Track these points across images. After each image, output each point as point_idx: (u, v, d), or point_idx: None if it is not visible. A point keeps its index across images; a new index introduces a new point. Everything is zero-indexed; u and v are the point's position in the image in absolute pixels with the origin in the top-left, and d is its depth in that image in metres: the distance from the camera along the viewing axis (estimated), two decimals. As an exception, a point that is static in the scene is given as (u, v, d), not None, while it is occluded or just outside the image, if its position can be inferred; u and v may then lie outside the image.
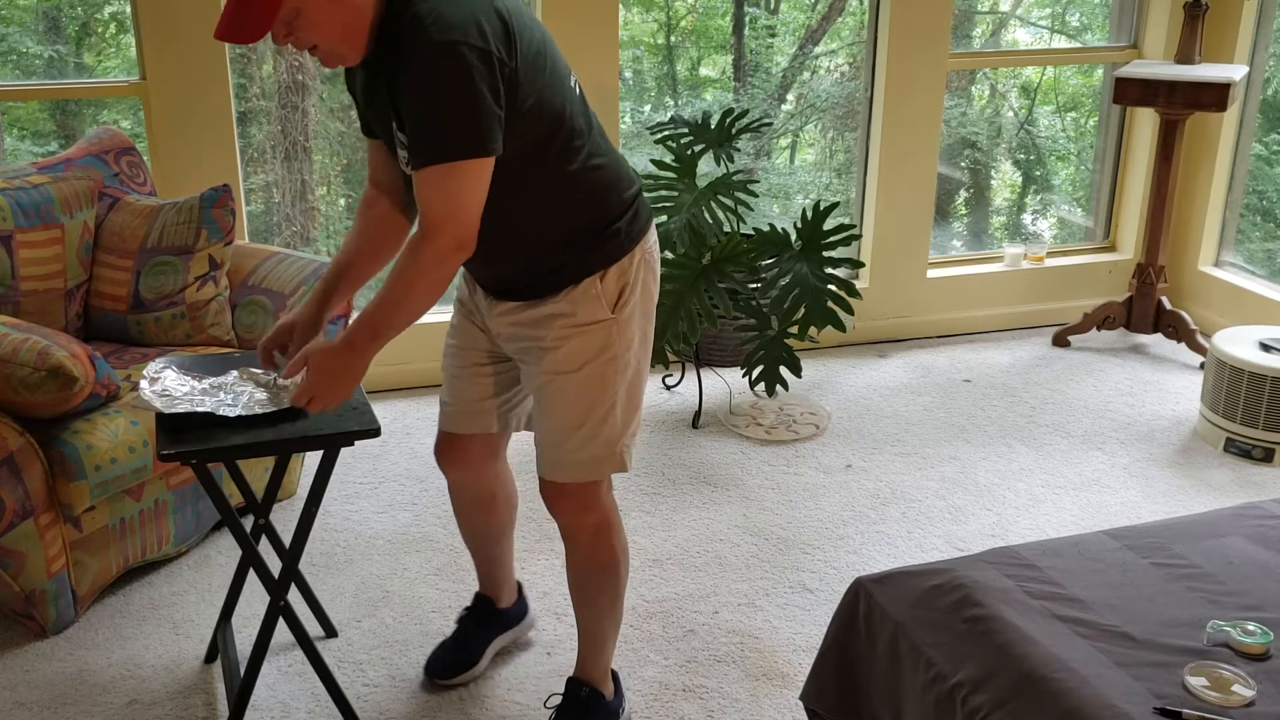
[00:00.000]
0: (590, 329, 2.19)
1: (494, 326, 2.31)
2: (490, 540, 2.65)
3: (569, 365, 2.21)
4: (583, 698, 2.46)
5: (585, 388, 2.22)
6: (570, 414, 2.24)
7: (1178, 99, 4.14)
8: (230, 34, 1.92)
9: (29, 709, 2.58)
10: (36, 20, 4.71)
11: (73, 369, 2.67)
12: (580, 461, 2.28)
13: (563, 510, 2.34)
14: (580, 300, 2.18)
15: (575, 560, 2.41)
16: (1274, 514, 2.30)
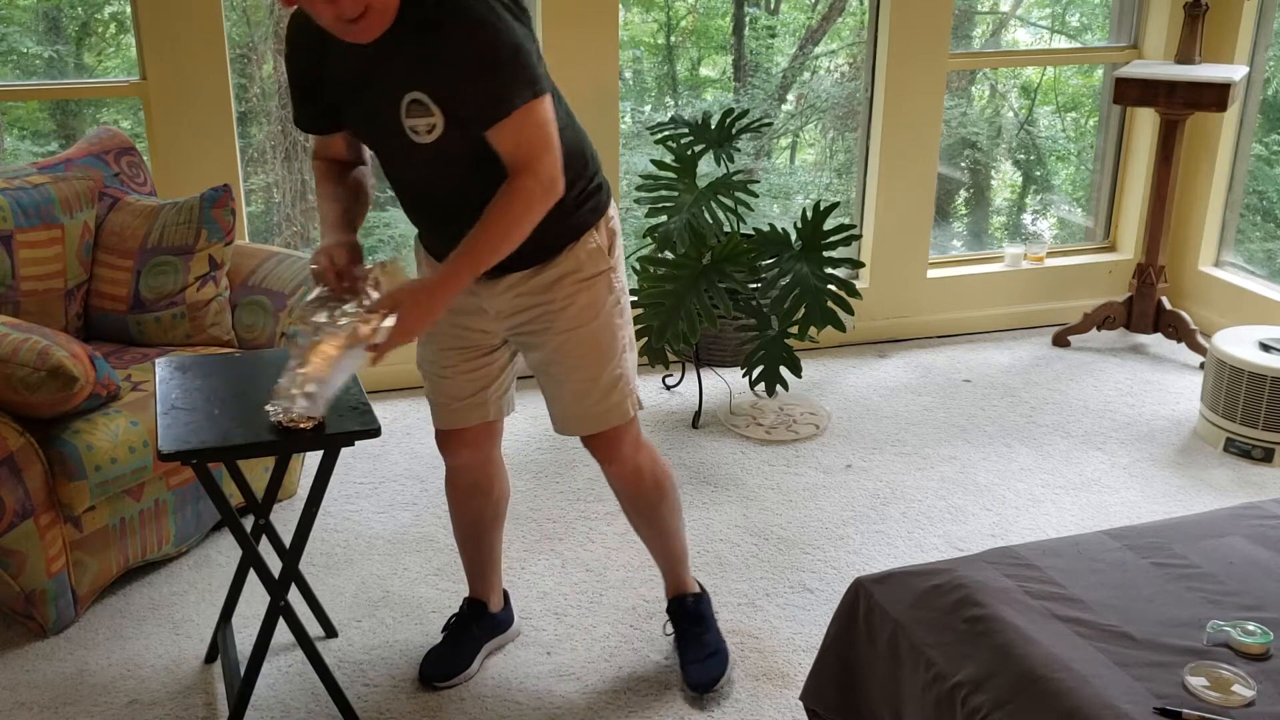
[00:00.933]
0: (596, 280, 2.35)
1: (495, 306, 2.36)
2: (484, 528, 2.69)
3: (585, 318, 2.35)
4: (690, 605, 2.70)
5: (602, 335, 2.38)
6: (595, 364, 2.39)
7: (1178, 99, 4.14)
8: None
9: (29, 709, 2.58)
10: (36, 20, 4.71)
11: (73, 369, 2.67)
12: (615, 404, 2.44)
13: (621, 457, 2.50)
14: (583, 255, 2.32)
15: (643, 496, 2.57)
16: (1274, 514, 2.30)
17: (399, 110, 2.12)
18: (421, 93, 2.09)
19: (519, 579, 3.08)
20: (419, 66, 2.08)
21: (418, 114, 2.11)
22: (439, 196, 2.28)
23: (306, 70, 2.23)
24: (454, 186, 2.23)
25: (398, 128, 2.14)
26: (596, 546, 3.23)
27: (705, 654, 2.65)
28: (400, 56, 2.08)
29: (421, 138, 2.13)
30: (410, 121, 2.12)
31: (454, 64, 2.05)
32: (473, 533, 2.69)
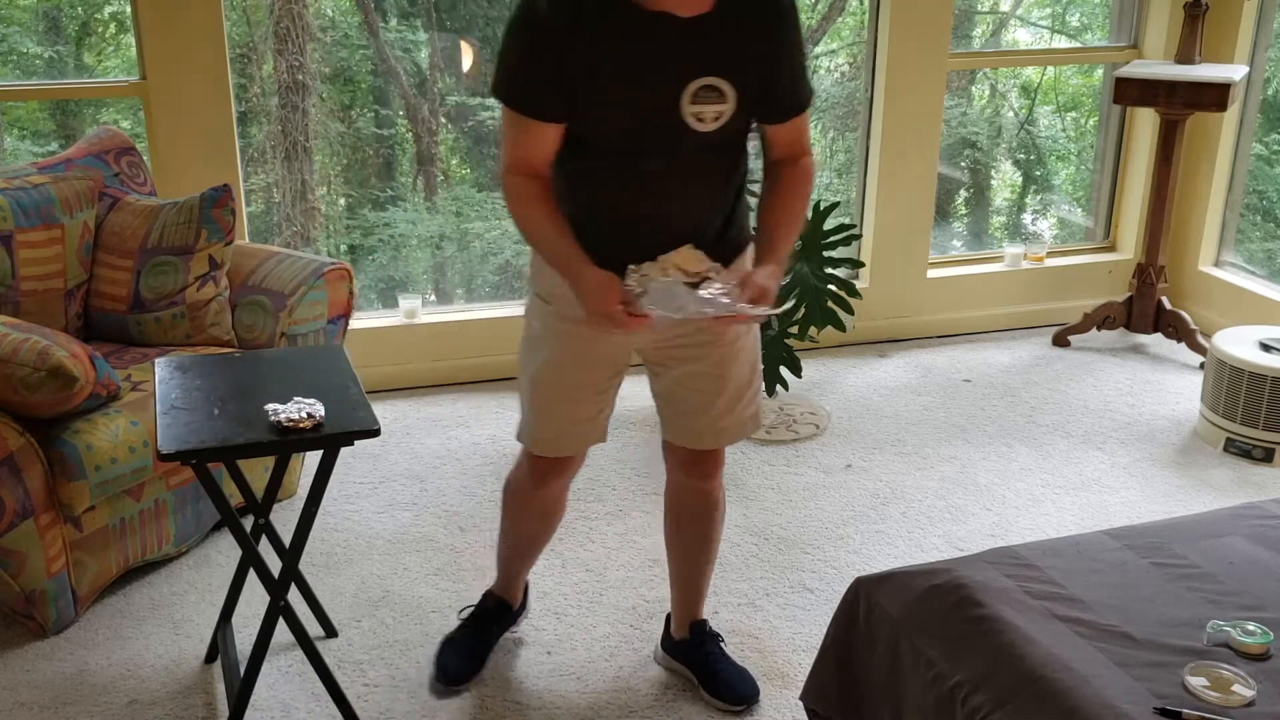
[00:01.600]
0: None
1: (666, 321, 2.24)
2: (542, 545, 2.70)
3: (745, 328, 2.34)
4: (709, 627, 2.69)
5: (754, 347, 2.41)
6: (745, 374, 2.39)
7: (1178, 99, 4.14)
8: None
9: (29, 709, 2.58)
10: (36, 20, 4.71)
11: (73, 369, 2.67)
12: (754, 414, 2.45)
13: (716, 474, 2.50)
14: (747, 260, 2.29)
15: (715, 516, 2.56)
16: (1274, 514, 2.29)
17: (680, 96, 2.03)
18: (719, 78, 2.03)
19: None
20: (725, 49, 2.01)
21: (707, 100, 2.03)
22: (670, 195, 2.15)
23: (572, 48, 2.01)
24: (690, 182, 2.15)
25: (672, 116, 2.05)
26: (596, 546, 3.23)
27: (737, 666, 2.63)
28: (699, 37, 2.00)
29: (704, 125, 2.06)
30: (695, 108, 2.03)
31: (769, 48, 2.04)
32: (531, 549, 2.68)
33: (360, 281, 4.63)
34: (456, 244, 5.09)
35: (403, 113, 5.16)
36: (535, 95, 2.06)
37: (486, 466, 3.67)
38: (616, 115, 2.08)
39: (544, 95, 2.05)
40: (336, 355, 2.61)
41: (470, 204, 5.13)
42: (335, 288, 3.33)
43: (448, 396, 4.16)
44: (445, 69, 5.10)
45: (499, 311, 4.35)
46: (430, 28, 4.97)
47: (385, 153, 5.20)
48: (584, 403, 2.39)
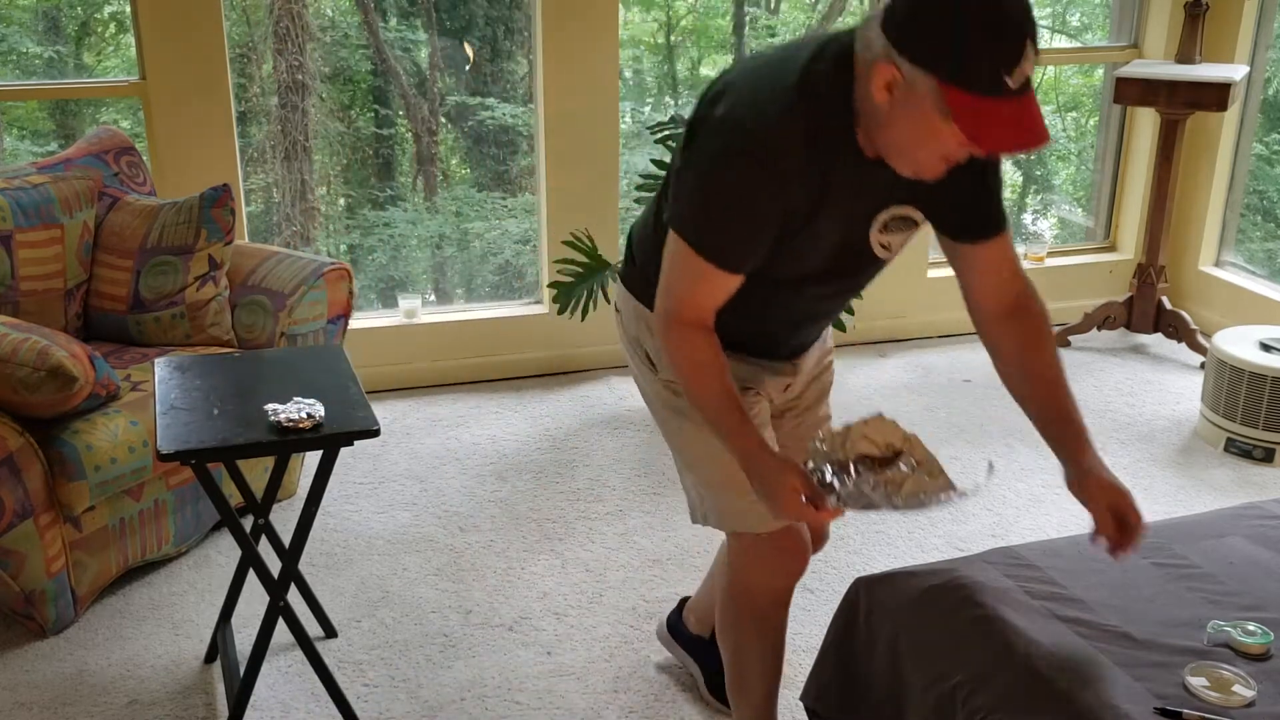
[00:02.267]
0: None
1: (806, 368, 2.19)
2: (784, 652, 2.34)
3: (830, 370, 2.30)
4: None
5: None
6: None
7: (1178, 99, 4.14)
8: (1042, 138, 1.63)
9: (29, 709, 2.58)
10: (36, 20, 4.71)
11: (72, 369, 2.67)
12: None
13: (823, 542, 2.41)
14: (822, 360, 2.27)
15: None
16: (1274, 514, 2.29)
17: (870, 226, 1.88)
18: (913, 207, 1.87)
19: (519, 579, 3.08)
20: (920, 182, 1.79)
21: (897, 230, 1.90)
22: (824, 311, 2.09)
23: (787, 198, 1.75)
24: (844, 299, 2.08)
25: (861, 247, 1.90)
26: (596, 546, 3.23)
27: None
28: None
29: (889, 254, 1.94)
30: (884, 238, 1.89)
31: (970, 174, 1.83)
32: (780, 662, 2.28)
33: (360, 281, 4.63)
34: (456, 244, 5.09)
35: (402, 113, 5.16)
36: (740, 249, 1.80)
37: (486, 466, 3.67)
38: (813, 254, 1.87)
39: (750, 248, 1.80)
40: (336, 355, 2.61)
41: (470, 204, 5.13)
42: (335, 287, 3.32)
43: (448, 396, 4.16)
44: (445, 69, 5.10)
45: (499, 311, 4.36)
46: (430, 27, 4.97)
47: (385, 152, 5.20)
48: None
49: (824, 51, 1.74)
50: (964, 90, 1.58)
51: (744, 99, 1.75)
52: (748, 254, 1.80)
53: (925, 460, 1.87)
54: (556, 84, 4.09)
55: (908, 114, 1.64)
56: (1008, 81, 1.57)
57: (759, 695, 2.27)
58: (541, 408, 4.08)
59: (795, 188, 1.74)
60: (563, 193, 4.19)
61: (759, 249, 1.80)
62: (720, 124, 1.75)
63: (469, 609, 2.95)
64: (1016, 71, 1.57)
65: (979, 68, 1.57)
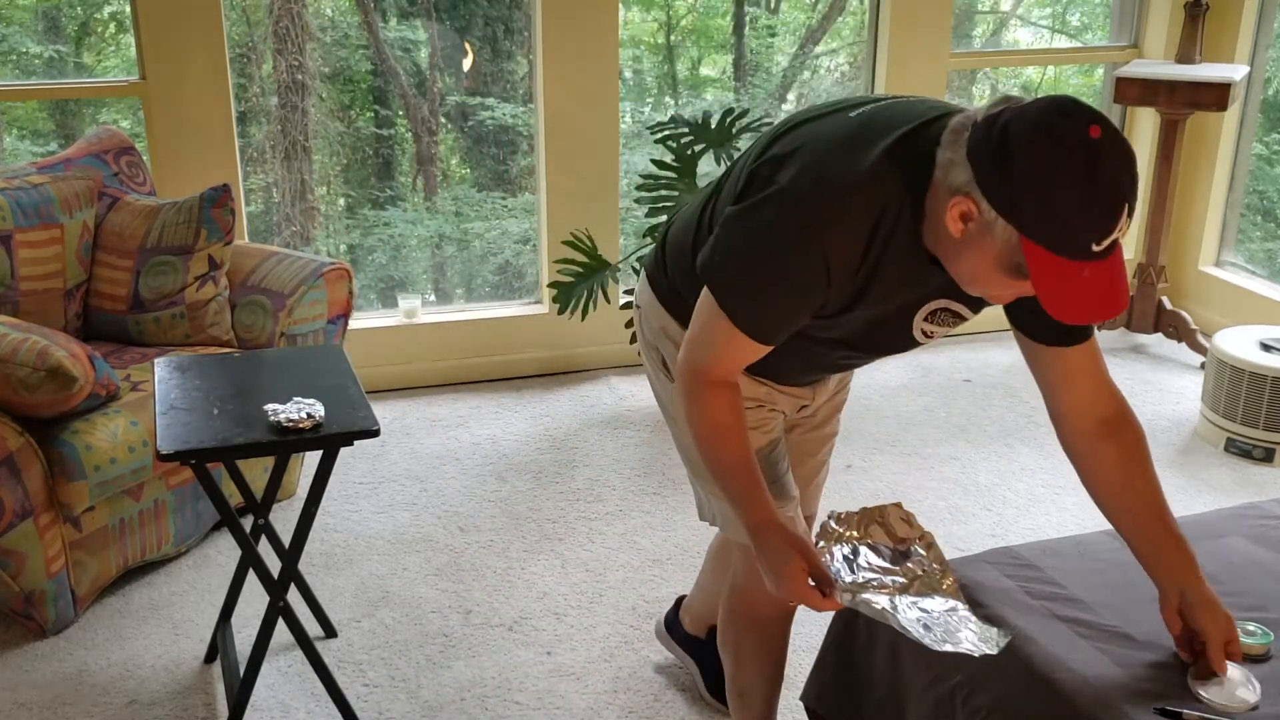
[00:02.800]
0: None
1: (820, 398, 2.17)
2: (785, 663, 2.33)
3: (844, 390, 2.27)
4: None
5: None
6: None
7: (1178, 99, 4.13)
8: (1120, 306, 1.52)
9: (29, 709, 2.58)
10: (36, 20, 4.71)
11: (72, 369, 2.67)
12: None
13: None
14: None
15: None
16: (1274, 514, 2.29)
17: (915, 314, 1.79)
18: (959, 303, 1.79)
19: (519, 579, 3.08)
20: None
21: (943, 322, 1.82)
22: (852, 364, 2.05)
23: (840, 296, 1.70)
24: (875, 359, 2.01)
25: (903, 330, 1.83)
26: (596, 546, 3.23)
27: None
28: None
29: (928, 340, 1.86)
30: (927, 326, 1.82)
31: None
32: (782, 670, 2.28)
33: (360, 281, 4.63)
34: (456, 244, 5.09)
35: (402, 113, 5.16)
36: (777, 325, 1.73)
37: (486, 466, 3.67)
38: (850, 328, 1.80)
39: (787, 325, 1.74)
40: (336, 355, 2.61)
41: (470, 204, 5.13)
42: (335, 287, 3.32)
43: (447, 396, 4.16)
44: (445, 69, 5.10)
45: (499, 311, 4.36)
46: (430, 27, 4.97)
47: (385, 152, 5.20)
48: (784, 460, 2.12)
49: (907, 141, 1.61)
50: (1046, 249, 1.47)
51: (814, 170, 1.64)
52: (782, 329, 1.74)
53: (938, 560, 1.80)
54: (556, 84, 4.09)
55: (980, 253, 1.54)
56: (1094, 247, 1.46)
57: (759, 705, 2.26)
58: (541, 408, 4.08)
59: (846, 274, 1.65)
60: (563, 193, 4.19)
61: (795, 325, 1.74)
62: (782, 194, 1.65)
63: (469, 609, 2.95)
64: (1107, 239, 1.46)
65: (1068, 231, 1.45)
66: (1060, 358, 1.81)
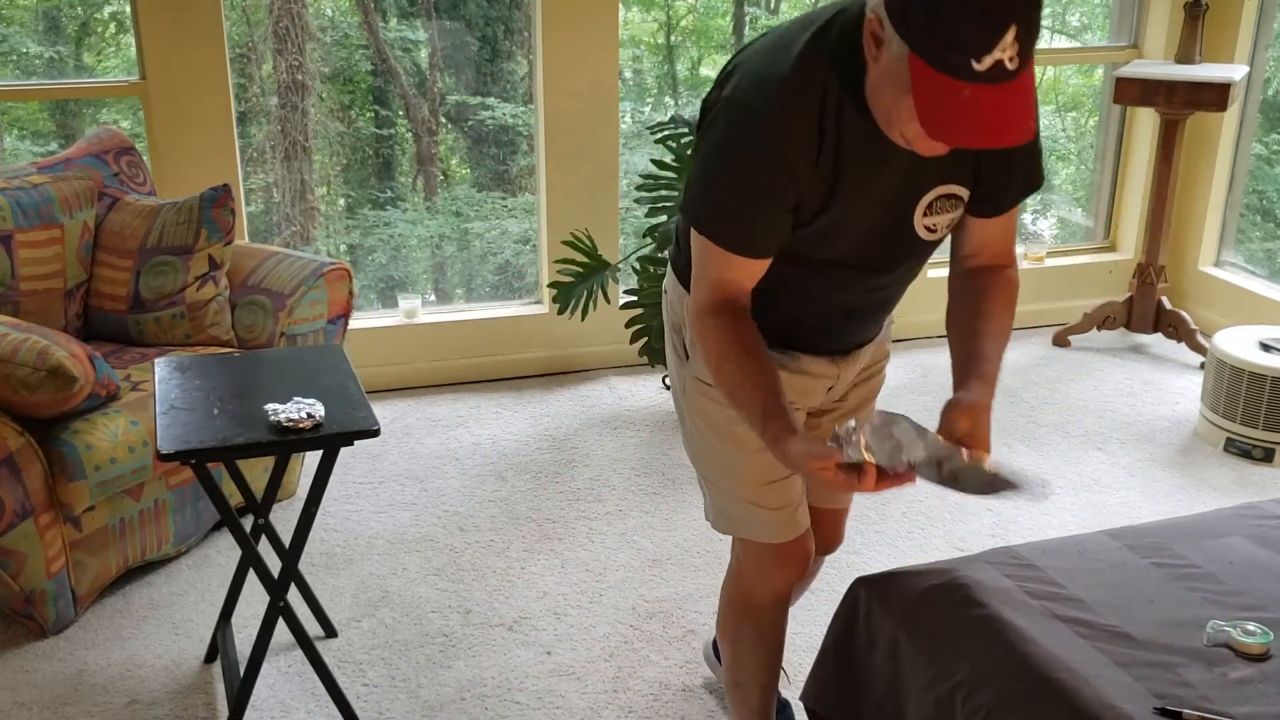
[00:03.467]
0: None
1: (848, 376, 2.15)
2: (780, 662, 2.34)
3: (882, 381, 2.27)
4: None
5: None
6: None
7: (1178, 99, 4.14)
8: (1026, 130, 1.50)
9: (29, 709, 2.58)
10: (36, 20, 4.71)
11: (72, 369, 2.67)
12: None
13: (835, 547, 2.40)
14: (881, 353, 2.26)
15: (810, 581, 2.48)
16: (1274, 514, 2.29)
17: (915, 209, 1.79)
18: (956, 185, 1.78)
19: (519, 579, 3.08)
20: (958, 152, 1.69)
21: (943, 210, 1.81)
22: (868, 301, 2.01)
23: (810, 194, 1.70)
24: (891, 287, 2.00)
25: (904, 231, 1.82)
26: (596, 546, 3.23)
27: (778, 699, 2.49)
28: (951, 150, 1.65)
29: (934, 235, 1.85)
30: (929, 219, 1.81)
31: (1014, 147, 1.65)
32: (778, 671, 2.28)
33: (360, 281, 4.63)
34: (456, 244, 5.09)
35: (403, 113, 5.16)
36: (754, 233, 1.73)
37: (486, 466, 3.67)
38: (844, 236, 1.79)
39: (765, 232, 1.72)
40: (336, 355, 2.61)
41: (470, 204, 5.13)
42: (335, 287, 3.32)
43: (447, 396, 4.16)
44: (445, 69, 5.10)
45: (499, 311, 4.36)
46: (430, 27, 4.97)
47: (385, 152, 5.20)
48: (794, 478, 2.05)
49: (835, 20, 1.64)
50: (927, 62, 1.45)
51: (749, 76, 1.68)
52: (763, 237, 1.72)
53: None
54: (556, 84, 4.09)
55: (887, 81, 1.53)
56: (974, 65, 1.42)
57: (756, 698, 2.28)
58: (541, 408, 4.08)
59: (807, 164, 1.65)
60: (563, 193, 4.19)
61: (776, 231, 1.72)
62: (726, 105, 1.69)
63: (469, 609, 2.95)
64: (987, 56, 1.42)
65: (946, 43, 1.43)
66: (982, 225, 1.90)
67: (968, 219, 1.89)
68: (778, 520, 2.05)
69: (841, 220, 1.75)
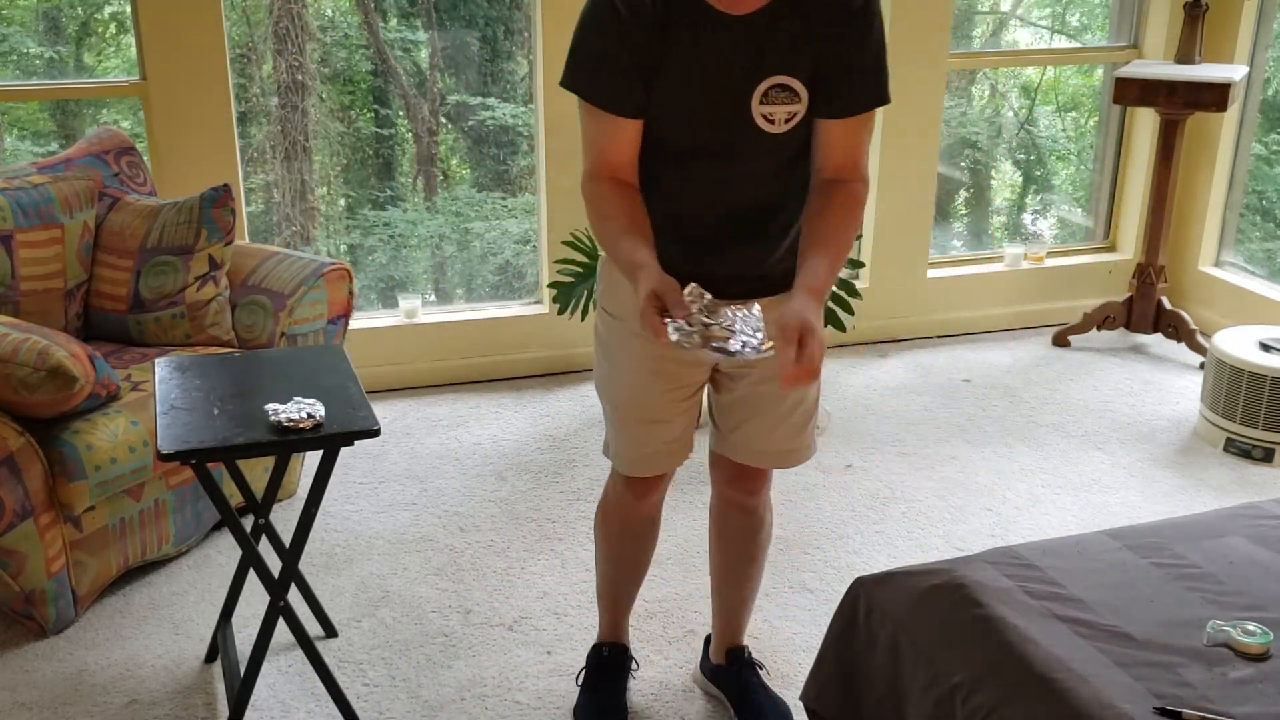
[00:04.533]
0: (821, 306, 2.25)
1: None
2: (644, 570, 2.58)
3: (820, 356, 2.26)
4: (748, 654, 2.61)
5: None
6: (814, 394, 2.31)
7: (1178, 99, 4.14)
8: None
9: (29, 709, 2.58)
10: (36, 20, 4.71)
11: (72, 369, 2.67)
12: (811, 439, 2.35)
13: (763, 494, 2.46)
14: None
15: (759, 536, 2.50)
16: (1274, 514, 2.29)
17: (751, 96, 1.96)
18: (790, 77, 1.95)
19: (519, 579, 3.08)
20: (795, 46, 1.93)
21: (778, 100, 1.96)
22: (733, 205, 2.09)
23: (646, 43, 1.94)
24: (754, 190, 2.07)
25: (743, 116, 1.98)
26: (596, 546, 3.23)
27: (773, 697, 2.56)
28: (773, 35, 1.93)
29: (774, 127, 1.98)
30: (766, 108, 1.96)
31: (842, 45, 1.94)
32: (639, 571, 2.55)
33: (360, 281, 4.63)
34: (456, 244, 5.09)
35: (403, 113, 5.16)
36: (610, 86, 1.99)
37: (486, 466, 3.67)
38: (689, 115, 2.00)
39: (618, 86, 1.98)
40: (336, 355, 2.61)
41: (470, 204, 5.13)
42: (335, 287, 3.33)
43: (448, 396, 4.16)
44: (445, 69, 5.10)
45: (499, 311, 4.36)
46: (430, 27, 4.97)
47: (385, 152, 5.20)
48: (671, 423, 2.27)
49: None
50: None
51: None
52: (619, 93, 1.97)
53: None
54: (556, 84, 4.08)
55: None
56: None
57: (607, 596, 2.58)
58: (541, 408, 4.08)
59: (640, 21, 1.92)
60: (563, 193, 4.19)
61: (624, 84, 1.97)
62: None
63: (469, 609, 2.95)
64: None
65: None
66: (827, 128, 2.02)
67: (817, 128, 2.02)
68: (635, 458, 2.30)
69: (680, 87, 1.96)
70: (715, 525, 2.53)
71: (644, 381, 2.23)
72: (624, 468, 2.33)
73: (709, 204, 2.09)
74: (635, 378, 2.23)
